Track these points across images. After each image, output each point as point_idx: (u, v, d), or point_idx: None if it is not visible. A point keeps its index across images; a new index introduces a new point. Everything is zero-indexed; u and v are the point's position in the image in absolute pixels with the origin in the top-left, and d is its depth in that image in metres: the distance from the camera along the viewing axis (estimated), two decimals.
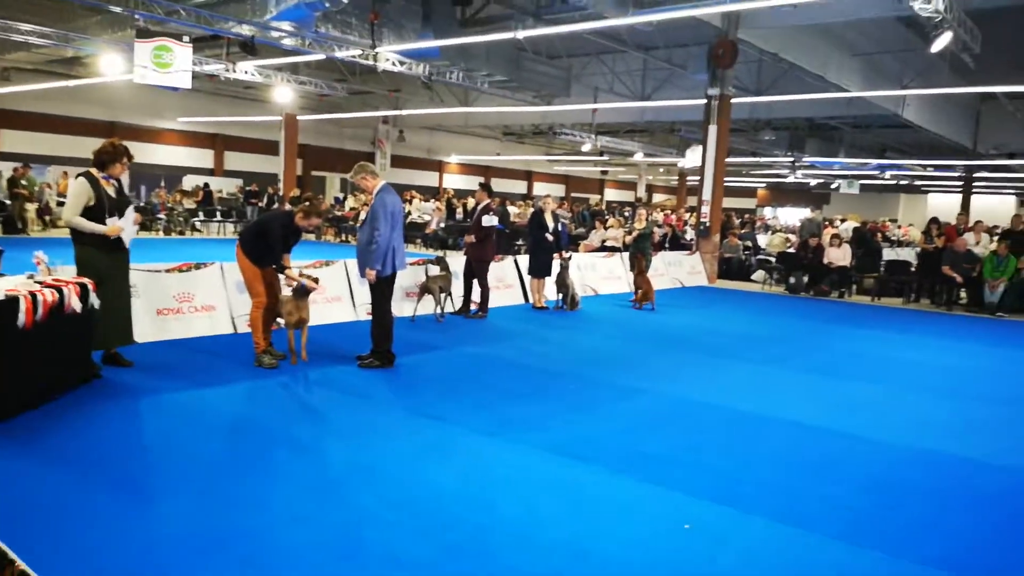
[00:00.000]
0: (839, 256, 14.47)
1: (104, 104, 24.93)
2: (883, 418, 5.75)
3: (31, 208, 18.93)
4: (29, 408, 4.73)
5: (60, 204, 18.47)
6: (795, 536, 3.52)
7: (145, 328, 6.98)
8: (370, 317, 6.68)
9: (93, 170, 5.62)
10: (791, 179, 35.94)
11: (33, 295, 4.67)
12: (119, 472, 3.93)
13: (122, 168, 5.75)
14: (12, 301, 4.52)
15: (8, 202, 18.84)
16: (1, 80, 21.72)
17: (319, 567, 2.99)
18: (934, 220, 14.90)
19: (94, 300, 5.37)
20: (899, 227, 29.44)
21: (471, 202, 9.75)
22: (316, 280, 6.37)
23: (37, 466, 3.91)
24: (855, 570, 3.23)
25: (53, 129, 24.47)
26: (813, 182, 39.25)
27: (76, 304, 5.11)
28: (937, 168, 30.28)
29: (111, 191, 5.68)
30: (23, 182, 18.93)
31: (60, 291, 4.95)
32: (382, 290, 6.47)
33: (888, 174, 33.34)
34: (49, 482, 3.71)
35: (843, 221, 24.00)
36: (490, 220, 9.45)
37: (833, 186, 37.35)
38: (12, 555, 1.53)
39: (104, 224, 5.59)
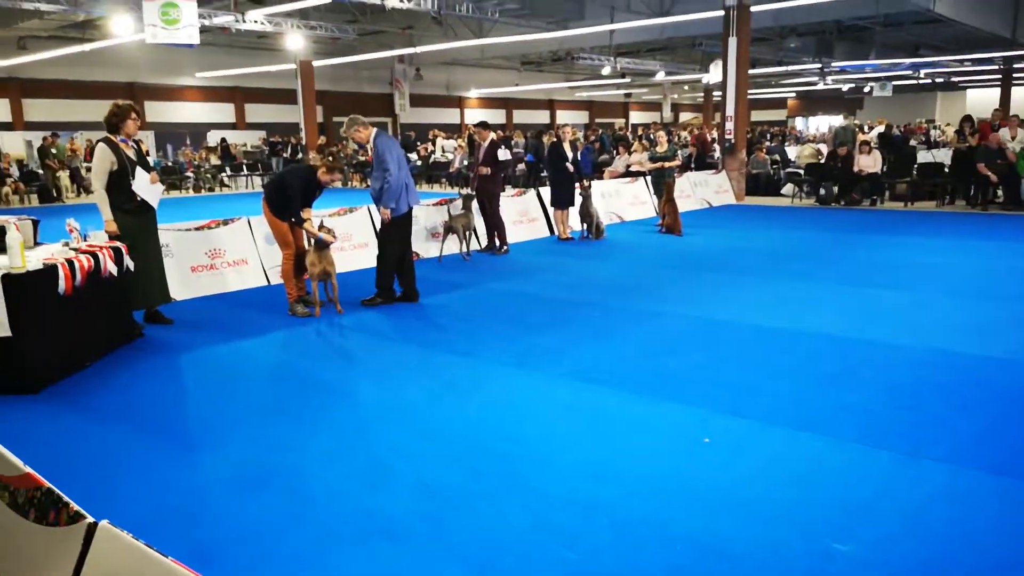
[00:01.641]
0: (869, 163, 14.15)
1: (122, 66, 25.01)
2: (908, 324, 5.77)
3: (63, 176, 19.34)
4: (77, 369, 5.01)
5: (88, 169, 18.83)
6: (812, 441, 3.64)
7: (181, 286, 7.23)
8: None
9: (110, 135, 5.75)
10: (821, 86, 34.76)
11: (70, 262, 4.88)
12: (166, 423, 4.19)
13: (135, 125, 5.82)
14: (51, 269, 4.75)
15: (41, 172, 19.28)
16: (18, 50, 21.86)
17: (356, 494, 3.20)
18: (967, 118, 14.43)
19: (128, 262, 5.59)
20: (936, 127, 28.47)
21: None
22: (332, 233, 6.47)
23: (88, 422, 4.17)
24: (870, 469, 3.34)
25: (74, 95, 24.68)
26: (845, 87, 37.92)
27: (112, 267, 5.33)
28: (974, 62, 29.01)
29: (131, 153, 5.82)
30: (53, 151, 19.31)
31: (95, 256, 5.17)
32: (398, 229, 6.65)
33: (923, 73, 32.05)
34: (101, 436, 3.98)
35: (872, 128, 23.30)
36: (504, 154, 9.48)
37: (866, 90, 36.08)
38: (66, 498, 1.71)
39: (131, 187, 5.76)
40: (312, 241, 6.44)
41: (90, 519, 1.61)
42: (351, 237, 8.79)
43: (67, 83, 24.43)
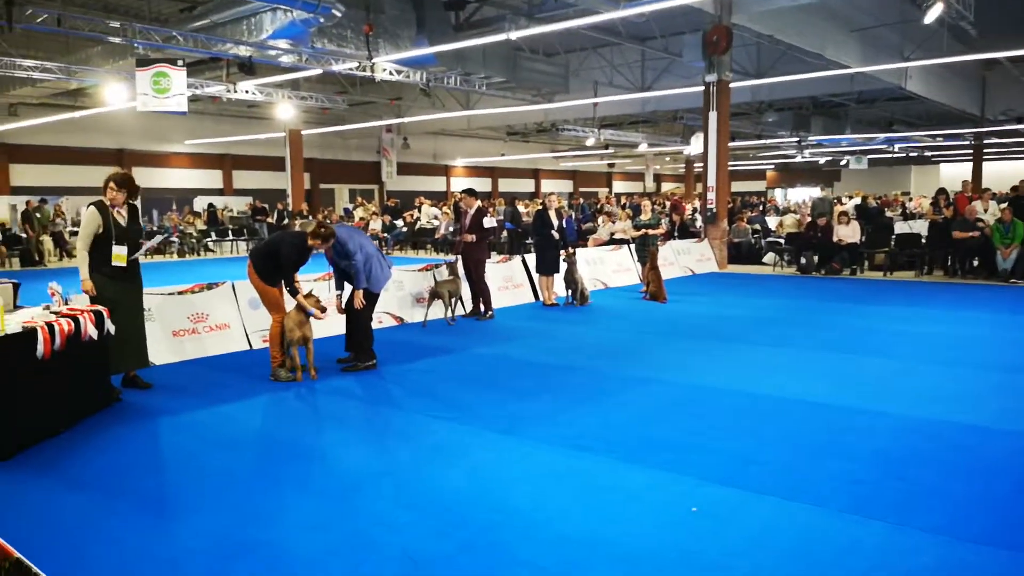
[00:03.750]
0: (848, 233, 14.42)
1: (111, 132, 25.30)
2: (892, 391, 5.78)
3: (47, 240, 19.29)
4: (52, 434, 4.88)
5: (73, 234, 18.78)
6: (803, 512, 3.58)
7: (162, 350, 7.13)
8: (380, 325, 6.83)
9: (103, 199, 5.77)
10: (799, 159, 35.75)
11: (50, 325, 4.81)
12: (142, 491, 4.06)
13: (122, 198, 5.89)
14: (30, 332, 4.67)
15: (24, 236, 19.22)
16: (9, 116, 22.08)
17: (338, 570, 3.09)
18: (941, 191, 14.84)
19: (109, 326, 5.52)
20: (910, 199, 29.21)
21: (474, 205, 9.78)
22: (324, 309, 6.44)
23: (62, 490, 4.04)
24: (861, 541, 3.28)
25: (63, 161, 24.84)
26: (822, 160, 39.01)
27: (92, 331, 5.26)
28: (946, 137, 30.03)
29: (121, 219, 5.83)
30: (38, 215, 19.30)
31: (76, 320, 5.10)
32: (373, 297, 6.94)
33: (897, 147, 33.11)
34: (74, 505, 3.84)
35: (850, 198, 23.89)
36: (490, 222, 9.60)
37: (842, 163, 37.10)
38: (35, 569, 1.63)
39: (111, 252, 5.74)
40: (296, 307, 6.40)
41: None
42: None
43: (55, 149, 24.61)
